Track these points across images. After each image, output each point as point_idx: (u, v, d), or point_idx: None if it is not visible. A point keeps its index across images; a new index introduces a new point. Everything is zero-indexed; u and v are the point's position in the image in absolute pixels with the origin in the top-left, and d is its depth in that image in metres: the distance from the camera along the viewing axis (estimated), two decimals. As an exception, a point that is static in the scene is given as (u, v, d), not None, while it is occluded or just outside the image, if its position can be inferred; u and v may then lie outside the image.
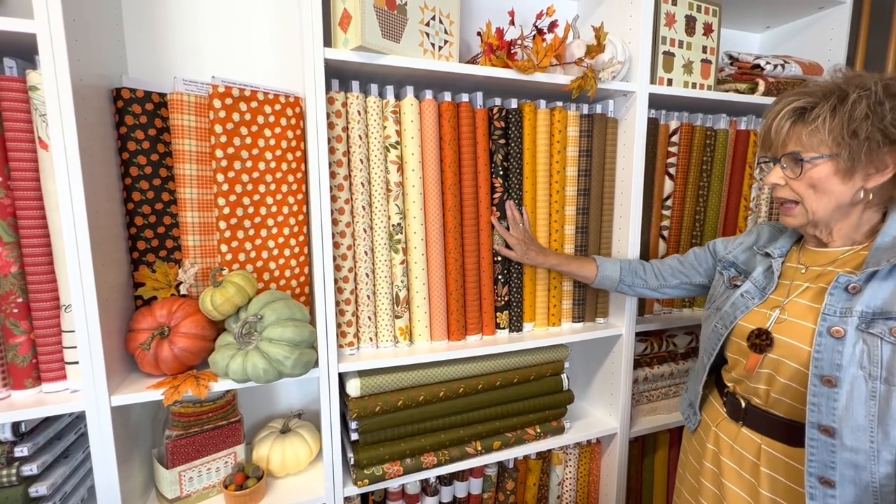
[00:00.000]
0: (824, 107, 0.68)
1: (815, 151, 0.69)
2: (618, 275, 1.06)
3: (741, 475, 0.80)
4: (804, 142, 0.70)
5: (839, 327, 0.66)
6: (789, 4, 1.38)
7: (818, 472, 0.67)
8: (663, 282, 1.04)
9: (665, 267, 1.05)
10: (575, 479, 1.32)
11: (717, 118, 1.29)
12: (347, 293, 0.98)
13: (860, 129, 0.65)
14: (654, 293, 1.06)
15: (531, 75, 1.01)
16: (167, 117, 0.89)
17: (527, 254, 1.07)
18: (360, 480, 0.99)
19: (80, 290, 0.76)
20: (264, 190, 0.96)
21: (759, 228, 0.92)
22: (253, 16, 1.05)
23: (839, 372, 0.65)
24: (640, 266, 1.07)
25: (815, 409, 0.67)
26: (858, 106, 0.65)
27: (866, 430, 0.63)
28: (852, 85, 0.68)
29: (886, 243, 0.68)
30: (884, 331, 0.63)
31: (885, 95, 0.65)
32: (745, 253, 0.89)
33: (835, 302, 0.68)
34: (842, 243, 0.74)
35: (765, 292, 0.79)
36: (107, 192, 0.83)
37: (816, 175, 0.70)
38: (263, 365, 0.83)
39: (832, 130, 0.67)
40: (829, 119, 0.67)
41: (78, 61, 0.75)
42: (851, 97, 0.66)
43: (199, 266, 0.93)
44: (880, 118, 0.65)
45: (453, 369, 1.05)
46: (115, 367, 0.84)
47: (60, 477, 0.83)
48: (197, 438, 0.94)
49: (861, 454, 0.64)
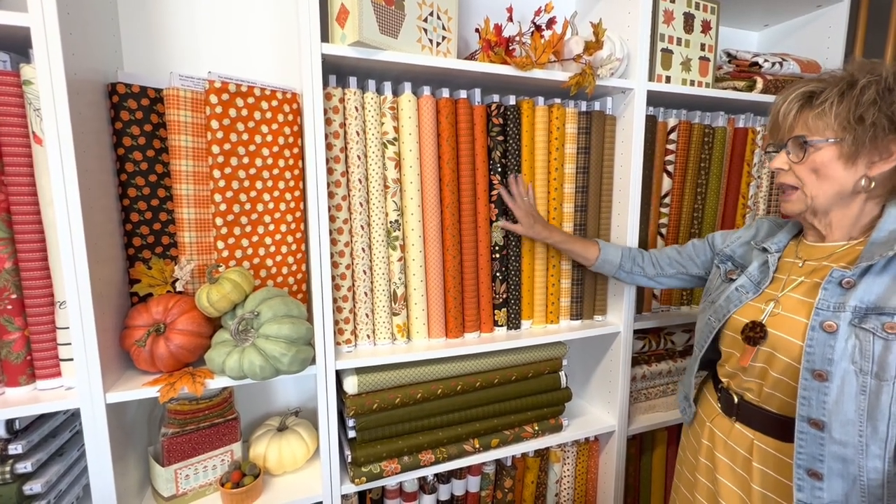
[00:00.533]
0: (832, 91, 0.68)
1: (820, 135, 0.70)
2: (618, 260, 1.06)
3: (734, 470, 0.80)
4: (810, 125, 0.71)
5: (832, 322, 0.66)
6: (787, 2, 1.38)
7: (806, 465, 0.67)
8: (660, 270, 1.04)
9: (663, 256, 1.05)
10: (573, 476, 1.32)
11: (716, 116, 1.29)
12: (345, 290, 0.98)
13: (867, 115, 0.65)
14: (651, 282, 1.06)
15: (529, 72, 1.01)
16: (163, 113, 0.89)
17: (533, 227, 1.06)
18: (357, 478, 0.99)
19: (74, 286, 0.75)
20: (261, 186, 0.95)
21: (758, 223, 0.92)
22: (250, 11, 1.04)
23: (830, 366, 0.65)
24: (639, 254, 1.08)
25: (806, 402, 0.67)
26: (867, 91, 0.66)
27: (855, 424, 0.64)
28: (863, 71, 0.68)
29: (882, 238, 0.68)
30: (876, 326, 0.63)
31: (895, 83, 0.65)
32: (742, 247, 0.89)
33: (828, 297, 0.68)
34: (840, 237, 0.74)
35: (759, 287, 0.79)
36: (102, 188, 0.82)
37: (820, 159, 0.70)
38: (260, 362, 0.83)
39: (839, 115, 0.68)
40: (837, 103, 0.68)
41: (73, 55, 0.74)
42: (861, 82, 0.67)
43: (195, 263, 0.92)
44: (888, 104, 0.65)
45: (451, 367, 1.05)
46: (110, 364, 0.83)
47: (55, 475, 0.83)
48: (193, 436, 0.94)
49: (849, 448, 0.64)
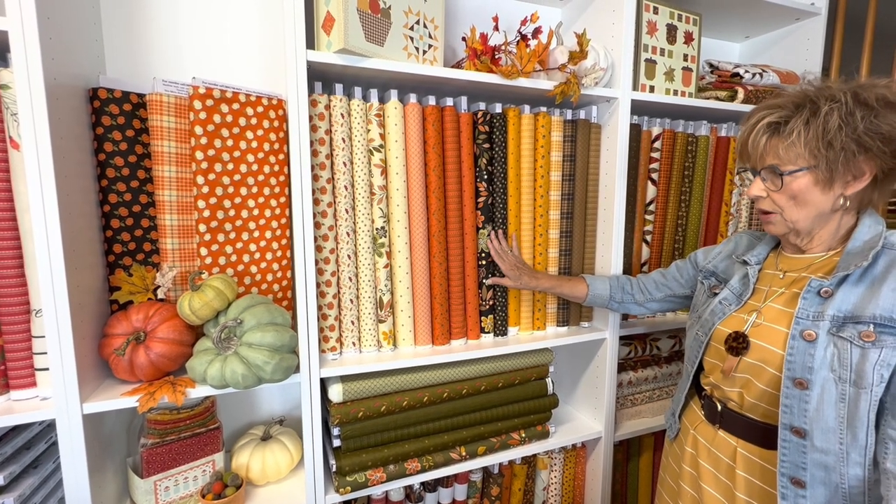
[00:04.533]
0: (798, 121, 0.69)
1: (793, 164, 0.70)
2: (607, 292, 1.07)
3: (717, 478, 0.80)
4: (781, 155, 0.71)
5: (811, 331, 0.67)
6: (767, 15, 1.41)
7: (789, 473, 0.68)
8: (648, 296, 1.05)
9: (649, 281, 1.06)
10: (560, 483, 1.32)
11: (699, 125, 1.32)
12: (330, 297, 0.97)
13: (835, 141, 0.66)
14: (641, 308, 1.07)
15: (515, 80, 1.02)
16: (146, 118, 0.88)
17: (520, 279, 1.08)
18: (342, 488, 0.98)
19: (51, 294, 0.74)
20: (246, 193, 0.95)
21: (737, 237, 0.93)
22: (235, 17, 1.04)
23: (810, 374, 0.66)
24: (627, 282, 1.08)
25: (788, 410, 0.68)
26: (830, 118, 0.66)
27: (836, 431, 0.64)
28: (822, 97, 0.68)
29: (857, 248, 0.69)
30: (853, 335, 0.64)
31: (855, 105, 0.66)
32: (724, 262, 0.90)
33: (807, 306, 0.69)
34: (819, 249, 0.75)
35: (741, 299, 0.80)
36: (82, 194, 0.81)
37: (797, 187, 0.71)
38: (242, 370, 0.82)
39: (808, 143, 0.68)
40: (804, 132, 0.68)
41: (52, 60, 0.73)
42: (823, 110, 0.67)
43: (177, 270, 0.91)
44: (853, 128, 0.65)
45: (437, 374, 1.05)
46: (87, 373, 0.81)
47: (29, 488, 0.80)
48: (173, 446, 0.92)
49: (831, 455, 0.65)
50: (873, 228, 0.71)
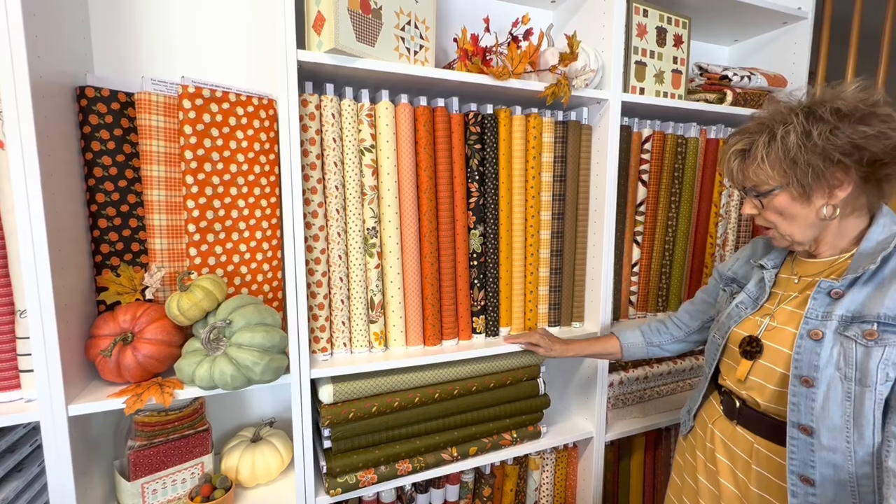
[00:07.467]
0: (759, 146, 0.71)
1: (766, 185, 0.73)
2: (642, 338, 1.05)
3: (735, 473, 0.81)
4: (754, 178, 0.74)
5: (818, 330, 0.68)
6: (755, 19, 1.43)
7: (799, 471, 0.68)
8: (686, 329, 1.03)
9: (682, 314, 1.04)
10: (552, 483, 1.32)
11: (688, 127, 1.33)
12: (321, 298, 0.97)
13: (798, 159, 0.68)
14: (684, 344, 1.04)
15: (506, 81, 1.02)
16: (134, 117, 0.87)
17: (552, 348, 1.08)
18: (332, 489, 0.97)
19: (35, 294, 0.73)
20: (236, 192, 0.94)
21: (754, 242, 0.94)
22: (225, 16, 1.03)
23: (816, 373, 0.66)
24: (660, 323, 1.06)
25: (795, 408, 0.68)
26: (787, 139, 0.68)
27: (842, 430, 0.65)
28: (775, 122, 0.71)
29: (868, 249, 0.70)
30: (857, 333, 0.65)
31: (811, 123, 0.67)
32: (743, 267, 0.91)
33: (817, 306, 0.70)
34: (830, 253, 0.76)
35: (757, 302, 0.81)
36: (68, 193, 0.80)
37: (779, 204, 0.73)
38: (231, 371, 0.81)
39: (773, 165, 0.70)
40: (767, 156, 0.71)
41: (38, 58, 0.72)
42: (779, 133, 0.69)
43: (166, 270, 0.90)
44: (813, 145, 0.67)
45: (429, 374, 1.04)
46: (73, 375, 0.80)
47: (12, 492, 0.79)
48: (161, 448, 0.91)
49: (838, 454, 0.65)
50: (888, 229, 0.70)
